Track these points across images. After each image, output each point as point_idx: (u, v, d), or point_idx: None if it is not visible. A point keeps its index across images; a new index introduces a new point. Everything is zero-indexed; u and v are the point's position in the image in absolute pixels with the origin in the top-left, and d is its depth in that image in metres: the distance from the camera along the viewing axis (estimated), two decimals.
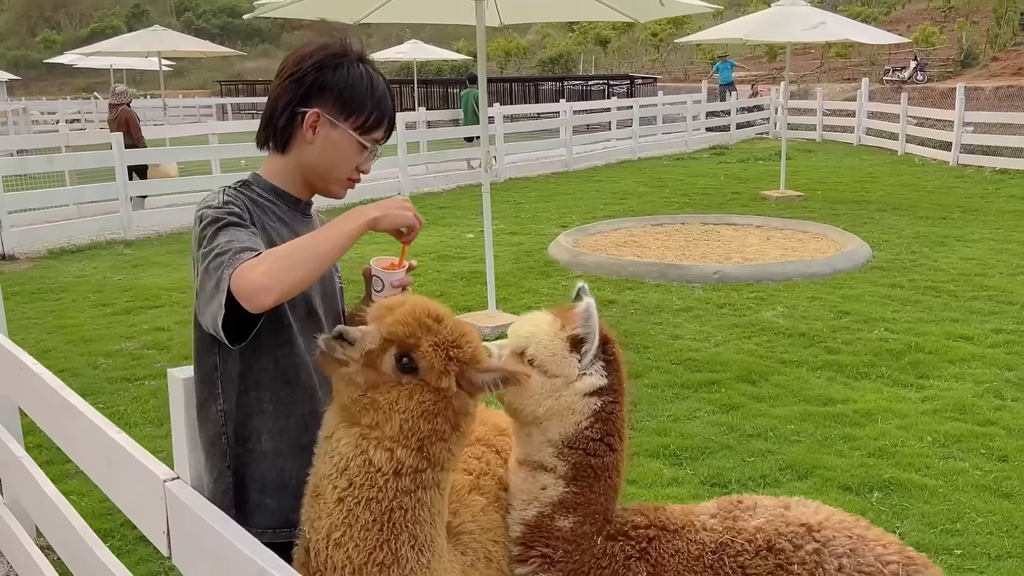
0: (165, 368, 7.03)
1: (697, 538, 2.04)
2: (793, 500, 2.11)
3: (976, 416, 5.52)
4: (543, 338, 2.08)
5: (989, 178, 16.38)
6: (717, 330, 7.43)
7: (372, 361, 1.82)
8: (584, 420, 2.06)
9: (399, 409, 1.80)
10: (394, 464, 1.80)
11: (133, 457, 2.23)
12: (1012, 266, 9.44)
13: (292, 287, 1.81)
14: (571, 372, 2.06)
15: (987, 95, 26.24)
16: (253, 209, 2.04)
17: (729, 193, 15.44)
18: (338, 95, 2.04)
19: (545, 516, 2.08)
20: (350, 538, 1.81)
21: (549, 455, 2.08)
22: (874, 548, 1.92)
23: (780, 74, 34.14)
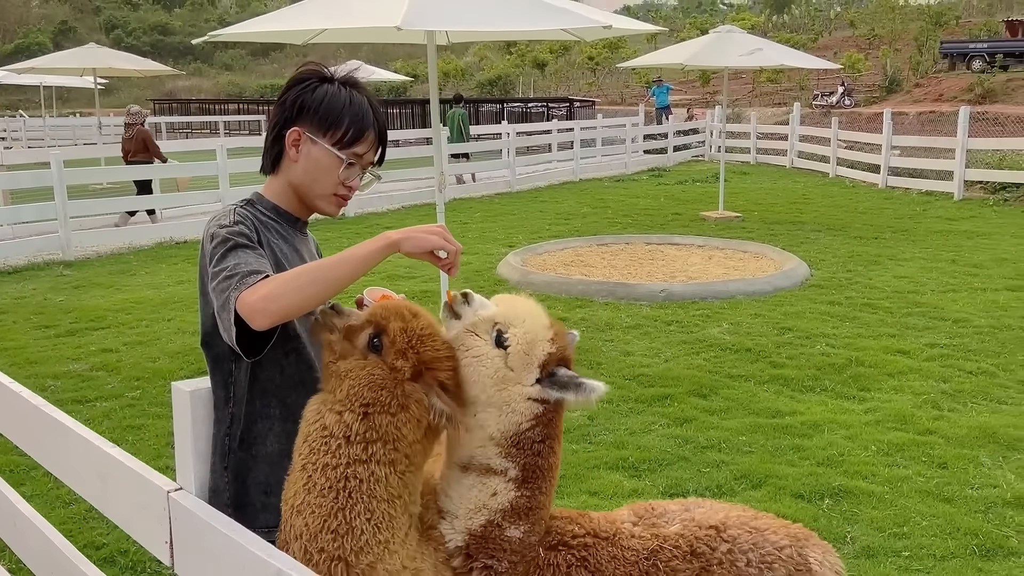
0: (117, 389, 6.95)
1: (630, 544, 2.10)
2: (691, 502, 2.27)
3: (916, 426, 5.78)
4: (530, 332, 2.01)
5: (916, 200, 17.04)
6: (666, 346, 7.62)
7: (350, 334, 1.96)
8: (525, 422, 2.03)
9: (351, 376, 1.93)
10: (343, 428, 1.91)
11: (132, 470, 2.26)
12: (942, 283, 9.86)
13: (288, 310, 1.90)
14: (526, 379, 2.02)
15: (911, 120, 27.28)
16: (259, 227, 2.13)
17: (670, 214, 15.78)
18: (315, 112, 2.14)
19: (494, 525, 2.04)
20: (307, 504, 1.90)
21: (496, 456, 2.03)
22: (769, 537, 2.13)
23: (713, 98, 35.01)
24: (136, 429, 5.88)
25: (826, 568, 2.15)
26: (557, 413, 2.07)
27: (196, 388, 2.14)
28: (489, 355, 2.00)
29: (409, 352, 1.95)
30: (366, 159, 2.20)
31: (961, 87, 30.82)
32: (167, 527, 2.13)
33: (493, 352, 2.00)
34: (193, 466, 2.12)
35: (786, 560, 2.10)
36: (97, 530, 4.49)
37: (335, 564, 1.89)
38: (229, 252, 1.99)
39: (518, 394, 2.00)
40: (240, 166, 14.22)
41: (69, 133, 33.70)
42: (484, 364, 2.00)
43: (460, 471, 2.06)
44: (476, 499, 2.04)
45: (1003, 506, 4.67)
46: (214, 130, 35.38)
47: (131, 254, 12.62)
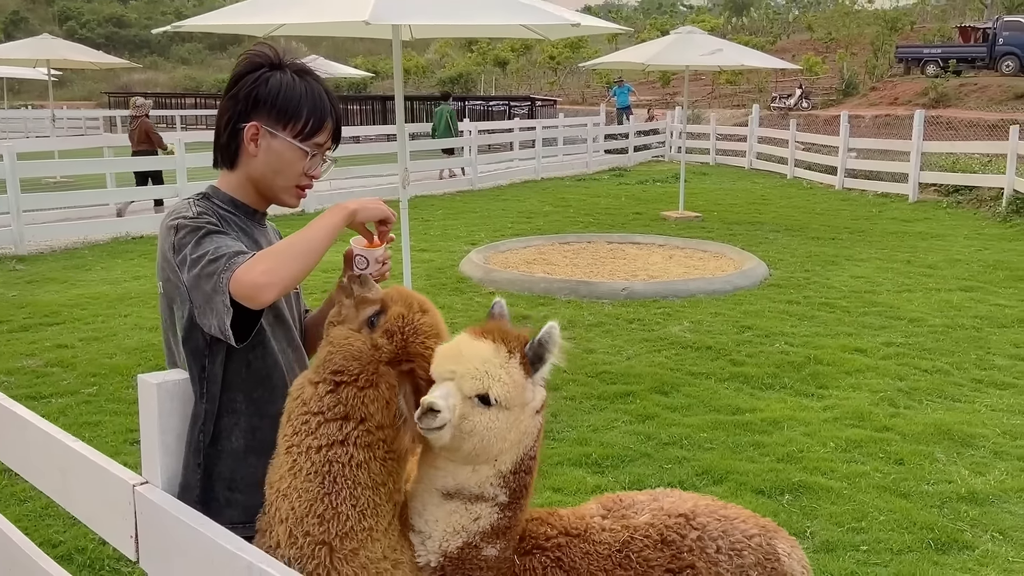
0: (73, 386, 6.83)
1: (601, 539, 2.10)
2: (658, 492, 2.29)
3: (873, 423, 5.88)
4: (500, 374, 1.91)
5: (872, 201, 17.33)
6: (628, 344, 7.67)
7: (360, 305, 2.00)
8: (531, 442, 2.00)
9: (332, 342, 1.97)
10: (317, 402, 1.93)
11: (96, 464, 2.23)
12: (898, 284, 10.04)
13: (291, 281, 1.92)
14: (531, 396, 1.97)
15: (867, 123, 27.72)
16: (219, 220, 2.10)
17: (631, 213, 15.87)
18: (271, 105, 2.11)
19: (471, 547, 1.99)
20: (294, 488, 1.91)
21: (493, 486, 1.98)
22: (738, 526, 2.17)
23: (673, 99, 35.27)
24: (93, 426, 5.78)
25: (794, 561, 2.19)
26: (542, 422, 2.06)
27: (164, 380, 2.10)
28: (493, 419, 1.90)
29: (396, 336, 1.96)
30: (325, 147, 2.20)
31: (916, 91, 31.39)
32: (132, 521, 2.10)
33: (494, 413, 1.90)
34: (160, 460, 2.09)
35: (755, 548, 2.14)
36: (54, 528, 4.41)
37: (319, 548, 1.89)
38: (204, 238, 1.97)
39: (528, 416, 1.97)
40: (197, 160, 14.03)
41: (21, 126, 32.97)
42: (493, 428, 1.90)
43: (442, 497, 2.00)
44: (457, 523, 1.99)
45: (957, 501, 4.77)
46: (171, 124, 34.87)
47: (86, 249, 12.40)
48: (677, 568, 2.08)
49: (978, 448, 5.50)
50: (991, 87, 30.18)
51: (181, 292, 2.01)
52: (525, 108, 30.89)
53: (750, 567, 2.12)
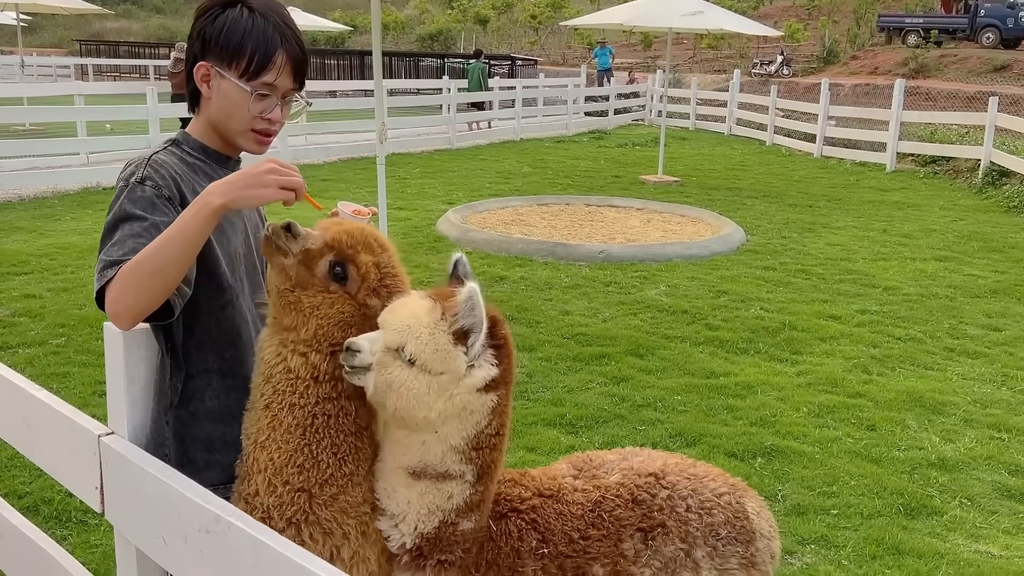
0: (40, 336, 6.72)
1: (574, 499, 2.08)
2: (628, 451, 2.27)
3: (846, 389, 5.92)
4: (422, 332, 1.82)
5: (850, 169, 17.37)
6: (605, 306, 7.65)
7: (308, 260, 1.84)
8: (483, 419, 1.90)
9: (319, 314, 1.84)
10: (310, 370, 1.85)
11: (61, 414, 2.17)
12: (873, 252, 10.08)
13: (145, 306, 1.79)
14: (458, 367, 1.84)
15: (847, 91, 27.70)
16: (182, 172, 2.00)
17: (609, 176, 15.80)
18: (216, 43, 1.98)
19: (448, 524, 1.94)
20: (273, 440, 1.87)
21: (455, 462, 1.90)
22: (708, 484, 2.16)
23: (655, 63, 35.06)
24: (61, 377, 5.70)
25: (762, 520, 2.19)
26: (507, 392, 1.95)
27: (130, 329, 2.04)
28: (410, 377, 1.82)
29: (381, 290, 1.88)
30: (280, 86, 2.01)
31: (896, 61, 31.37)
32: (97, 472, 2.05)
33: (412, 373, 1.82)
34: (126, 410, 2.03)
35: (724, 507, 2.13)
36: (20, 478, 4.34)
37: (298, 495, 1.87)
38: (115, 227, 1.88)
39: (467, 391, 1.85)
40: (171, 111, 13.78)
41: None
42: (412, 388, 1.82)
43: (409, 476, 1.92)
44: (431, 503, 1.92)
45: (927, 467, 4.82)
46: (144, 74, 34.21)
47: (55, 198, 12.17)
48: (648, 527, 2.06)
49: (949, 416, 5.55)
50: (971, 58, 30.23)
51: None
52: (506, 68, 30.59)
53: (719, 525, 2.11)
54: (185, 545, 1.80)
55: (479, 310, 1.81)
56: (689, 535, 2.08)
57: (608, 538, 2.03)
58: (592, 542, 2.02)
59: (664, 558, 2.06)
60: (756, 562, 2.14)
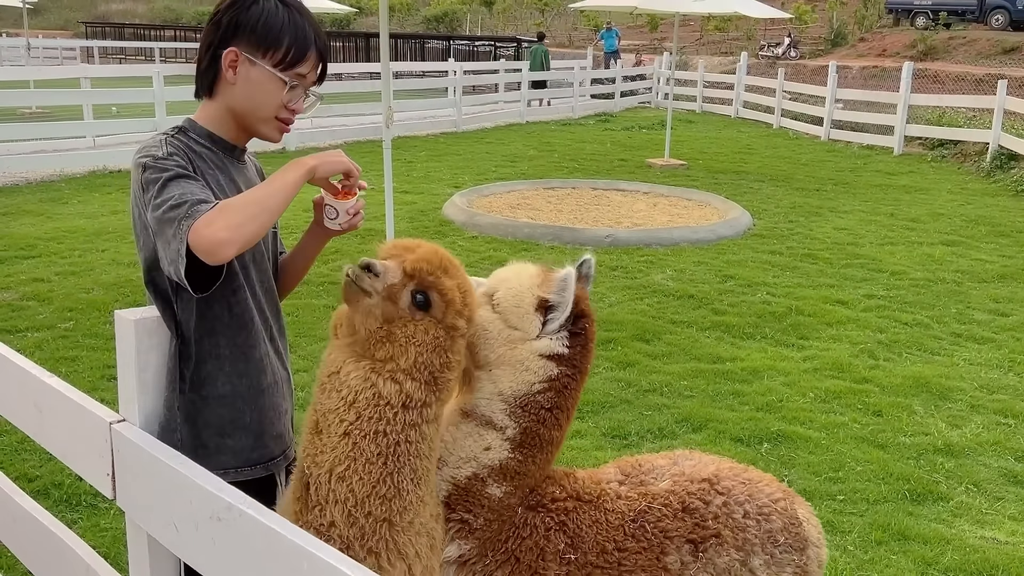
0: (49, 320, 6.75)
1: (615, 507, 2.06)
2: (678, 454, 2.24)
3: (853, 374, 5.91)
4: (514, 287, 2.06)
5: (857, 153, 17.29)
6: (611, 291, 7.65)
7: (392, 295, 1.88)
8: (538, 383, 2.01)
9: (416, 342, 1.86)
10: (403, 397, 1.85)
11: (72, 401, 2.18)
12: (880, 236, 10.05)
13: (250, 239, 1.85)
14: (530, 329, 2.02)
15: (854, 74, 27.54)
16: (193, 158, 2.02)
17: (615, 160, 15.76)
18: (252, 31, 2.02)
19: (478, 479, 2.01)
20: (354, 472, 1.85)
21: (500, 411, 2.02)
22: (763, 489, 2.13)
23: (661, 45, 34.88)
24: (70, 361, 5.72)
25: (812, 527, 2.16)
26: (573, 379, 2.04)
27: (141, 317, 2.04)
28: (489, 319, 2.03)
29: (466, 311, 1.92)
30: (308, 80, 2.10)
31: (904, 43, 31.16)
32: (109, 459, 2.06)
33: (492, 316, 2.04)
34: (137, 398, 2.04)
35: (781, 512, 2.10)
36: (30, 462, 4.37)
37: (381, 525, 1.87)
38: (170, 182, 1.89)
39: (529, 351, 2.01)
40: (177, 94, 13.75)
41: None
42: (487, 328, 2.03)
43: (461, 415, 2.04)
44: (469, 448, 2.01)
45: (934, 453, 4.82)
46: (149, 56, 34.15)
47: (63, 182, 12.18)
48: (699, 538, 2.02)
49: (955, 401, 5.55)
50: (980, 41, 30.00)
51: (146, 232, 1.95)
52: (511, 49, 30.45)
53: (778, 532, 2.07)
54: (197, 532, 1.82)
55: (568, 293, 2.01)
56: (747, 543, 2.05)
57: (648, 551, 2.00)
58: (629, 555, 2.00)
59: (717, 570, 2.03)
60: (808, 571, 2.12)
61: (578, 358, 2.04)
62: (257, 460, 2.11)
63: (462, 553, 2.01)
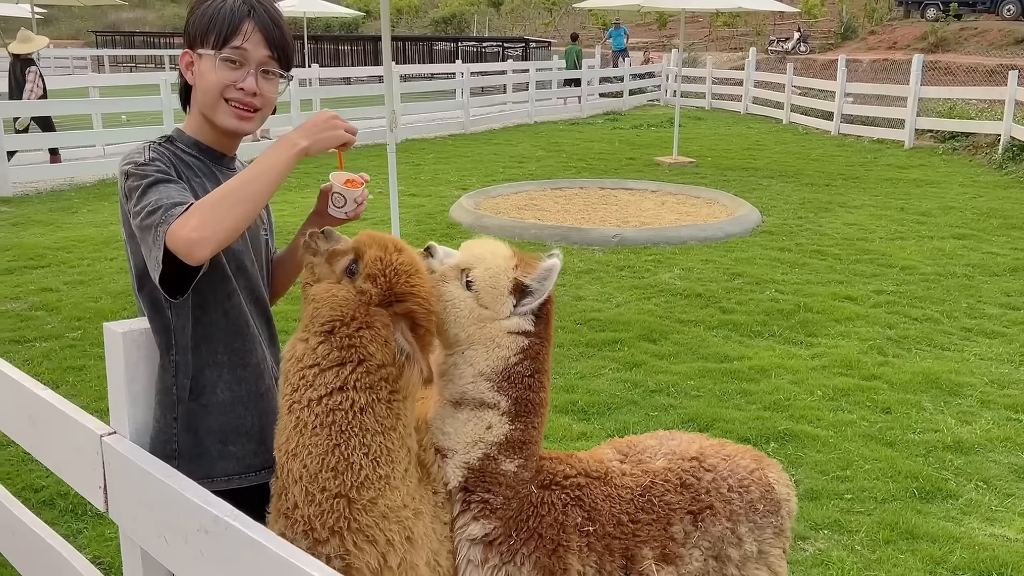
0: (57, 329, 6.77)
1: (623, 483, 2.21)
2: (662, 434, 2.41)
3: (861, 371, 5.87)
4: (491, 267, 2.09)
5: (868, 147, 17.19)
6: (618, 291, 7.63)
7: (332, 258, 1.97)
8: (512, 356, 2.09)
9: (315, 299, 1.94)
10: (312, 355, 1.90)
11: (64, 413, 2.19)
12: (891, 231, 9.98)
13: (227, 235, 1.83)
14: (502, 311, 2.08)
15: (864, 68, 27.36)
16: (178, 165, 2.02)
17: (624, 158, 15.72)
18: (193, 29, 2.05)
19: (490, 458, 2.08)
20: (302, 446, 1.89)
21: (487, 390, 2.08)
22: (740, 462, 2.31)
23: (670, 42, 34.77)
24: (77, 370, 5.74)
25: (782, 486, 2.35)
26: (543, 346, 2.15)
27: (129, 329, 2.05)
28: (460, 297, 2.07)
29: (379, 278, 1.93)
30: (253, 53, 2.02)
31: (915, 35, 30.92)
32: (101, 472, 2.07)
33: (464, 294, 2.07)
34: (128, 410, 2.05)
35: (757, 482, 2.28)
36: (36, 472, 4.38)
37: (337, 501, 1.88)
38: (149, 188, 1.89)
39: (498, 329, 2.07)
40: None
41: (6, 64, 32.41)
42: (458, 307, 2.06)
43: (453, 407, 2.10)
44: (472, 432, 2.08)
45: (943, 450, 4.78)
46: (160, 64, 34.31)
47: (72, 191, 12.25)
48: (697, 510, 2.20)
49: (965, 397, 5.50)
50: (991, 31, 29.76)
51: (133, 240, 1.95)
52: (519, 50, 30.44)
53: (756, 501, 2.27)
54: (185, 545, 1.82)
55: (549, 283, 2.08)
56: (734, 513, 2.23)
57: (658, 522, 2.17)
58: (642, 526, 2.15)
59: (712, 538, 2.21)
60: (783, 528, 2.33)
61: (542, 329, 2.14)
62: (260, 466, 2.11)
63: (487, 532, 2.09)
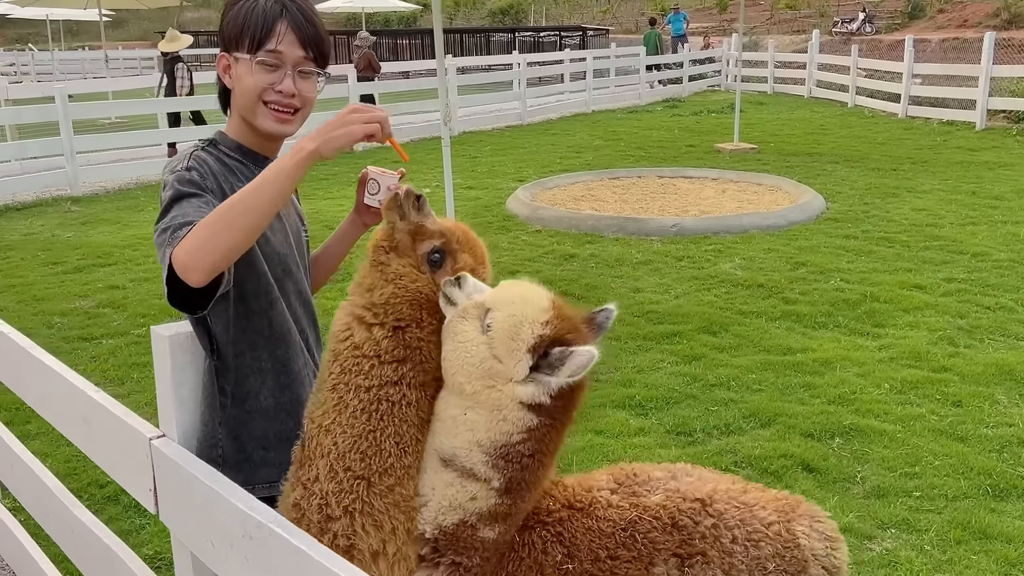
0: (123, 327, 6.93)
1: (606, 515, 1.98)
2: (678, 468, 2.12)
3: (931, 363, 5.68)
4: (516, 315, 1.79)
5: (937, 129, 16.67)
6: (677, 282, 7.51)
7: (417, 234, 1.85)
8: (517, 434, 1.83)
9: (399, 283, 1.83)
10: (373, 347, 1.83)
11: (116, 416, 2.20)
12: (961, 216, 9.66)
13: (223, 255, 1.76)
14: (515, 370, 1.79)
15: (933, 47, 26.57)
16: (220, 171, 2.01)
17: (683, 146, 15.50)
18: (227, 32, 2.03)
19: (467, 526, 1.89)
20: (338, 424, 1.85)
21: (481, 463, 1.85)
22: (757, 513, 2.01)
23: (730, 26, 34.20)
24: (142, 367, 5.85)
25: (814, 539, 2.04)
26: (555, 431, 1.88)
27: (176, 333, 2.05)
28: (474, 340, 1.79)
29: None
30: (288, 55, 1.99)
31: (986, 12, 29.92)
32: (151, 475, 2.08)
33: (479, 338, 1.79)
34: (175, 413, 2.05)
35: (774, 538, 1.99)
36: (100, 469, 4.46)
37: (358, 482, 1.86)
38: (171, 204, 1.88)
39: (509, 397, 1.79)
40: None
41: (79, 67, 33.42)
42: (469, 350, 1.79)
43: (440, 463, 1.89)
44: (453, 497, 1.88)
45: (1018, 445, 4.59)
46: None
47: (139, 189, 12.53)
48: (686, 554, 1.96)
49: None
50: None
51: None
52: (576, 38, 30.25)
53: (767, 559, 1.98)
54: (231, 550, 1.81)
55: (578, 371, 1.75)
56: (734, 568, 1.96)
57: (638, 560, 1.93)
58: (620, 563, 1.93)
59: None
60: None
61: (559, 412, 1.84)
62: None
63: None
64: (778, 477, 4.30)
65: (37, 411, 2.80)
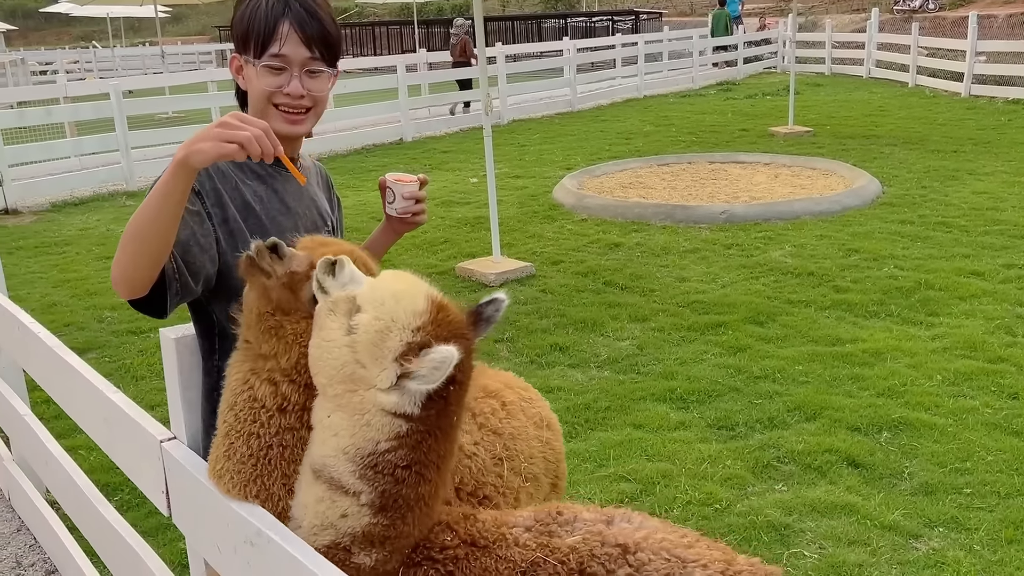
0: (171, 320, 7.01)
1: (507, 555, 1.74)
2: (618, 513, 1.84)
3: (986, 353, 5.47)
4: (384, 317, 1.58)
5: (1002, 109, 16.10)
6: (724, 271, 7.36)
7: (293, 284, 1.67)
8: (384, 441, 1.63)
9: (302, 343, 1.67)
10: (278, 400, 1.70)
11: (130, 417, 2.21)
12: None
13: (134, 269, 1.73)
14: (379, 379, 1.59)
15: (1000, 23, 25.68)
16: (227, 169, 1.99)
17: (736, 130, 15.23)
18: (236, 33, 2.01)
19: (340, 548, 1.69)
20: (227, 471, 1.77)
21: (348, 473, 1.64)
22: (692, 572, 1.69)
23: (787, 6, 33.48)
24: None
25: None
26: (432, 437, 1.66)
27: (182, 335, 2.06)
28: (336, 342, 1.59)
29: None
30: (293, 57, 1.95)
31: None
32: (163, 477, 2.08)
33: (342, 339, 1.59)
34: (184, 415, 2.05)
35: None
36: None
37: None
38: None
39: (371, 403, 1.60)
40: None
41: (139, 63, 34.13)
42: (332, 351, 1.59)
43: (311, 475, 1.70)
44: (324, 515, 1.68)
45: None
46: None
47: None
48: None
49: None
50: None
51: None
52: (629, 23, 29.93)
53: None
54: (235, 555, 1.80)
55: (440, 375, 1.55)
56: None
57: None
58: None
59: None
60: None
61: (433, 418, 1.64)
62: None
63: None
64: (822, 473, 4.18)
65: (65, 410, 2.84)
